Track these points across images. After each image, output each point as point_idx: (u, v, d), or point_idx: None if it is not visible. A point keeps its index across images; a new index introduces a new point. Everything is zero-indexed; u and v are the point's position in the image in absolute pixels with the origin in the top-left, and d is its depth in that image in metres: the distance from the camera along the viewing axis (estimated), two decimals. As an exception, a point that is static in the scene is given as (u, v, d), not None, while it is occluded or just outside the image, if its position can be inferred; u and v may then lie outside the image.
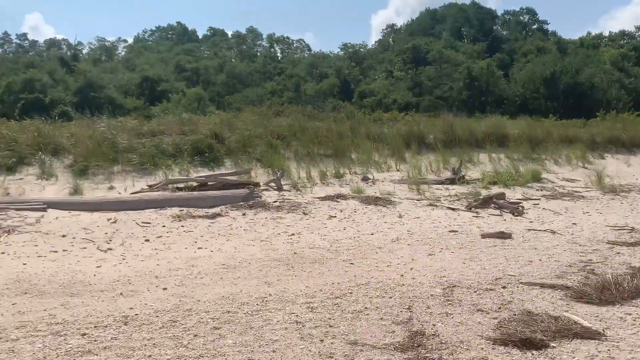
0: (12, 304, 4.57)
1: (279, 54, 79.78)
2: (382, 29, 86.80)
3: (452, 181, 11.92)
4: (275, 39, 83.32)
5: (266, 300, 4.68)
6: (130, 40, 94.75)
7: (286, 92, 50.25)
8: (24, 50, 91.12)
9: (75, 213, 8.31)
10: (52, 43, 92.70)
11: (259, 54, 74.68)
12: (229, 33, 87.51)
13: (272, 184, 10.66)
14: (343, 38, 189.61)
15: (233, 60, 68.83)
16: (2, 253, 6.32)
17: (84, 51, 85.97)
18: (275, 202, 9.45)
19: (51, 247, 6.62)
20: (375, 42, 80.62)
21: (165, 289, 5.03)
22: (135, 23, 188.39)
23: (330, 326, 4.01)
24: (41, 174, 10.48)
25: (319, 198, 9.92)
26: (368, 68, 57.99)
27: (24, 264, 5.90)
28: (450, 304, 4.52)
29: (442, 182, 11.84)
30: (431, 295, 4.77)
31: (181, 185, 9.93)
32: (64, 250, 6.50)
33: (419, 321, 4.10)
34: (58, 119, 17.95)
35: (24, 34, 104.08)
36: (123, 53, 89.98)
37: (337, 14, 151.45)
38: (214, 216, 8.38)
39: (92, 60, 68.73)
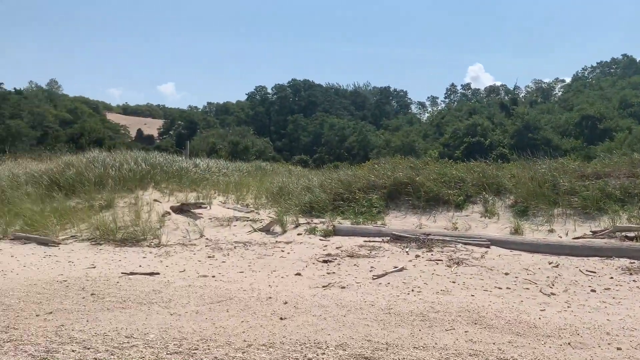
0: (465, 332, 4.96)
1: None
2: None
3: None
4: None
5: None
6: (568, 80, 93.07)
7: None
8: (466, 98, 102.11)
9: (516, 252, 8.51)
10: (491, 90, 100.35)
11: None
12: (692, 57, 74.52)
13: None
14: None
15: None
16: (453, 282, 7.01)
17: (521, 95, 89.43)
18: None
19: (495, 283, 6.94)
20: None
21: (619, 349, 4.51)
22: (574, 62, 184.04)
23: None
24: (484, 211, 11.22)
25: None
26: None
27: (472, 296, 6.37)
28: None
29: None
30: None
31: (631, 234, 8.84)
32: (507, 288, 6.71)
33: None
34: (497, 160, 18.99)
35: (468, 84, 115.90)
36: (560, 93, 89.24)
37: None
38: (675, 274, 7.09)
39: (529, 102, 70.72)
